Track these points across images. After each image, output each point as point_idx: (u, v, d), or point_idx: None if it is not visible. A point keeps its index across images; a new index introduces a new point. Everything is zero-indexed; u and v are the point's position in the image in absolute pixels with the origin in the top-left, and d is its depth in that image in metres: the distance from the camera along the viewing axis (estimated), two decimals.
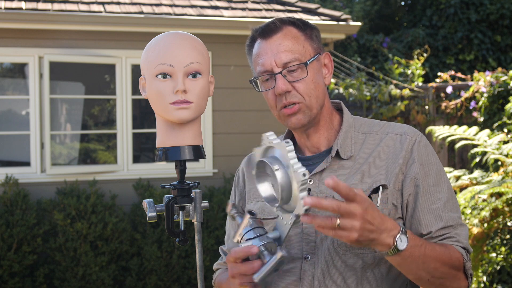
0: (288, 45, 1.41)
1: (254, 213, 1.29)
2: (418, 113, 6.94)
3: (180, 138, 1.38)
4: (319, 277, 1.39)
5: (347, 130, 1.48)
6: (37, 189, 5.31)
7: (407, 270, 1.30)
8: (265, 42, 1.43)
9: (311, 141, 1.50)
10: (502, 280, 3.86)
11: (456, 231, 1.40)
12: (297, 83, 1.41)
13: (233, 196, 1.66)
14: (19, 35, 5.38)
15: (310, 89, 1.42)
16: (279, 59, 1.40)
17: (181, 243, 1.39)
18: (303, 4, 6.31)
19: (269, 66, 1.41)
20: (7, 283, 4.89)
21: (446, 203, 1.41)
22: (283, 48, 1.41)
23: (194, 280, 5.29)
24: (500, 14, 11.15)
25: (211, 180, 5.76)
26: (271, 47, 1.41)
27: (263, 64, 1.42)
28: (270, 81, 1.43)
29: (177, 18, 5.51)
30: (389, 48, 10.69)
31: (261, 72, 1.43)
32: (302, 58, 1.41)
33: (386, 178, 1.40)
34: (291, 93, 1.41)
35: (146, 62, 1.37)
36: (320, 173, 1.44)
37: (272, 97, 1.44)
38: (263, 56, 1.42)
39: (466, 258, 1.38)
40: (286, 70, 1.40)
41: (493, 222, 3.57)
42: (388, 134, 1.47)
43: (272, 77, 1.42)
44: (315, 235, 1.41)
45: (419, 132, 1.48)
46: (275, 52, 1.41)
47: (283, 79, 1.40)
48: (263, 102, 1.53)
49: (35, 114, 5.38)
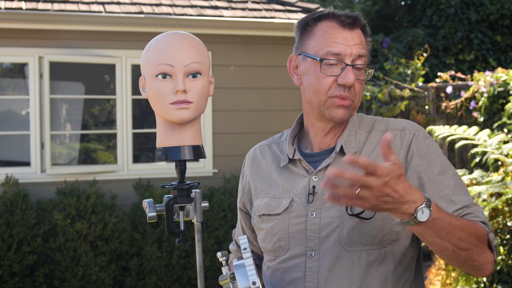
0: (363, 41, 1.45)
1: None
2: (418, 113, 6.94)
3: (180, 138, 1.38)
4: (324, 273, 1.39)
5: (351, 127, 1.50)
6: (37, 189, 5.31)
7: (430, 240, 1.28)
8: (344, 30, 1.43)
9: (326, 138, 1.51)
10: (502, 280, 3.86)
11: (472, 208, 1.39)
12: (357, 82, 1.43)
13: (239, 191, 1.68)
14: (19, 35, 5.38)
15: (361, 91, 1.46)
16: (356, 51, 1.42)
17: (181, 243, 1.39)
18: (303, 4, 6.31)
19: (344, 52, 1.41)
20: (7, 283, 4.89)
21: (454, 188, 1.40)
22: (359, 41, 1.43)
23: (194, 280, 5.29)
24: (500, 14, 11.14)
25: (211, 180, 5.76)
26: (352, 37, 1.42)
27: (339, 48, 1.41)
28: (335, 67, 1.42)
29: (177, 18, 5.51)
30: (389, 48, 10.69)
31: (333, 54, 1.41)
32: (366, 59, 1.45)
33: None
34: (350, 89, 1.43)
35: (146, 62, 1.37)
36: (325, 169, 1.46)
37: (329, 82, 1.42)
38: (340, 41, 1.41)
39: (488, 230, 1.37)
40: (354, 67, 1.42)
41: (493, 222, 3.57)
42: (388, 131, 1.48)
43: (339, 64, 1.41)
44: (319, 232, 1.42)
45: (418, 125, 1.49)
46: (353, 43, 1.42)
47: (354, 72, 1.42)
48: (263, 102, 1.54)
49: (35, 114, 5.38)
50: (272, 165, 1.56)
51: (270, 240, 1.49)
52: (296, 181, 1.49)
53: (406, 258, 1.43)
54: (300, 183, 1.48)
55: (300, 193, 1.47)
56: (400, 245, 1.41)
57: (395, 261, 1.40)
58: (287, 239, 1.46)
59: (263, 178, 1.57)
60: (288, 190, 1.49)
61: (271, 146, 1.61)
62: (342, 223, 1.40)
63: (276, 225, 1.48)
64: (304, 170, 1.49)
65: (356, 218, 1.39)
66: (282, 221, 1.47)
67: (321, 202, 1.43)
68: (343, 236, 1.39)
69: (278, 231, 1.47)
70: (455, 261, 1.35)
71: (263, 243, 1.53)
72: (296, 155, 1.51)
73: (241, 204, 1.65)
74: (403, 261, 1.42)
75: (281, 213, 1.48)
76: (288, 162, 1.52)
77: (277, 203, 1.49)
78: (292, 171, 1.51)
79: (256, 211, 1.55)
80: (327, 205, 1.43)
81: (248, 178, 1.61)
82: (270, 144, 1.62)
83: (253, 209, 1.58)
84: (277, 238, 1.47)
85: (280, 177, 1.52)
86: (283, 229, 1.47)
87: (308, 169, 1.49)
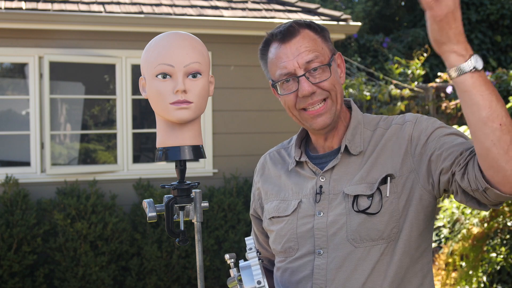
0: (308, 46, 1.44)
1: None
2: (418, 113, 6.94)
3: (180, 138, 1.38)
4: (332, 271, 1.40)
5: (355, 127, 1.51)
6: (37, 189, 5.31)
7: (478, 100, 1.18)
8: (285, 46, 1.45)
9: (328, 142, 1.53)
10: (502, 280, 3.86)
11: None
12: (321, 83, 1.44)
13: (251, 198, 1.71)
14: (19, 35, 5.38)
15: (334, 85, 1.45)
16: (302, 59, 1.43)
17: (181, 243, 1.39)
18: (303, 4, 6.31)
19: (291, 68, 1.43)
20: (7, 283, 4.89)
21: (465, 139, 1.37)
22: (303, 49, 1.43)
23: (194, 280, 5.29)
24: (501, 14, 11.14)
25: (211, 180, 5.76)
26: (292, 50, 1.44)
27: (285, 67, 1.44)
28: (291, 83, 1.45)
29: (177, 18, 5.51)
30: (389, 48, 10.69)
31: (282, 75, 1.45)
32: (322, 58, 1.44)
33: (392, 167, 1.42)
34: (316, 93, 1.44)
35: (146, 62, 1.37)
36: (331, 170, 1.48)
37: (293, 99, 1.46)
38: (284, 59, 1.44)
39: None
40: (308, 72, 1.43)
41: (493, 222, 3.57)
42: (392, 125, 1.49)
43: (294, 80, 1.44)
44: (326, 230, 1.43)
45: (419, 114, 1.49)
46: (296, 54, 1.43)
47: (307, 81, 1.43)
48: (263, 102, 1.55)
49: (35, 114, 5.38)
50: (281, 170, 1.59)
51: (280, 241, 1.51)
52: (304, 183, 1.51)
53: (416, 251, 1.43)
54: (308, 184, 1.50)
55: (308, 194, 1.49)
56: (409, 238, 1.41)
57: (404, 254, 1.40)
58: (296, 239, 1.47)
59: (272, 182, 1.59)
60: (296, 192, 1.52)
61: (280, 152, 1.65)
62: (349, 220, 1.41)
63: (285, 226, 1.50)
64: (312, 171, 1.51)
65: (363, 214, 1.40)
66: (290, 222, 1.49)
67: (328, 201, 1.45)
68: (350, 233, 1.40)
69: (287, 232, 1.49)
70: (499, 143, 1.17)
71: (273, 244, 1.55)
72: (303, 157, 1.53)
73: (252, 211, 1.68)
74: (413, 255, 1.42)
75: (289, 215, 1.50)
76: (296, 165, 1.55)
77: (286, 205, 1.52)
78: (300, 173, 1.54)
79: (266, 215, 1.58)
80: (334, 203, 1.44)
81: (258, 184, 1.64)
82: (279, 150, 1.66)
83: (264, 213, 1.61)
84: (286, 239, 1.49)
85: (289, 180, 1.55)
86: (291, 229, 1.48)
87: (315, 171, 1.51)
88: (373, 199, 1.40)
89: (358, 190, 1.41)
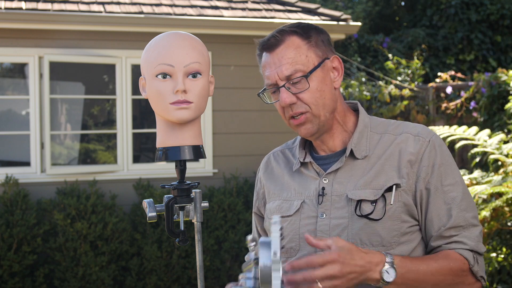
0: (290, 57, 1.43)
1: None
2: (418, 113, 6.93)
3: (180, 138, 1.38)
4: None
5: (362, 130, 1.50)
6: (37, 189, 5.31)
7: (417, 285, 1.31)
8: (269, 55, 1.46)
9: (326, 145, 1.53)
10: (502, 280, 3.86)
11: (465, 232, 1.39)
12: (301, 94, 1.43)
13: (254, 196, 1.71)
14: (19, 35, 5.38)
15: (315, 97, 1.44)
16: (281, 73, 1.43)
17: (181, 243, 1.39)
18: (303, 4, 6.31)
19: (273, 79, 1.44)
20: (7, 283, 4.89)
21: (460, 202, 1.41)
22: (285, 61, 1.43)
23: (194, 280, 5.29)
24: (501, 14, 11.14)
25: (211, 180, 5.76)
26: (274, 61, 1.44)
27: (268, 77, 1.46)
28: (276, 93, 1.47)
29: (177, 18, 5.51)
30: (389, 48, 10.69)
31: (268, 85, 1.47)
32: (304, 68, 1.43)
33: (399, 177, 1.41)
34: (296, 104, 1.44)
35: (146, 62, 1.37)
36: (335, 172, 1.47)
37: (280, 108, 1.48)
38: (268, 69, 1.46)
39: (472, 262, 1.37)
40: (289, 82, 1.43)
41: (493, 222, 3.57)
42: (403, 134, 1.48)
43: (278, 90, 1.45)
44: (329, 233, 1.43)
45: (433, 132, 1.48)
46: (278, 66, 1.43)
47: (287, 92, 1.43)
48: (263, 102, 1.55)
49: (35, 114, 5.38)
50: (285, 170, 1.59)
51: None
52: (307, 183, 1.51)
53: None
54: (311, 185, 1.50)
55: (311, 195, 1.48)
56: (410, 245, 1.41)
57: None
58: (298, 240, 1.47)
59: (276, 182, 1.59)
60: (299, 192, 1.51)
61: (284, 152, 1.64)
62: (351, 223, 1.41)
63: (287, 226, 1.49)
64: (315, 172, 1.51)
65: (365, 218, 1.40)
66: (293, 223, 1.49)
67: (331, 203, 1.45)
68: (352, 237, 1.40)
69: (290, 232, 1.49)
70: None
71: None
72: (307, 158, 1.53)
73: (255, 209, 1.68)
74: None
75: (292, 215, 1.49)
76: (300, 165, 1.55)
77: (289, 205, 1.51)
78: (304, 174, 1.53)
79: (268, 214, 1.57)
80: (336, 206, 1.44)
81: (262, 183, 1.64)
82: (283, 150, 1.65)
83: (266, 212, 1.60)
84: (288, 239, 1.49)
85: (292, 180, 1.55)
86: (294, 230, 1.48)
87: (319, 172, 1.50)
88: (376, 205, 1.40)
89: (362, 195, 1.41)
